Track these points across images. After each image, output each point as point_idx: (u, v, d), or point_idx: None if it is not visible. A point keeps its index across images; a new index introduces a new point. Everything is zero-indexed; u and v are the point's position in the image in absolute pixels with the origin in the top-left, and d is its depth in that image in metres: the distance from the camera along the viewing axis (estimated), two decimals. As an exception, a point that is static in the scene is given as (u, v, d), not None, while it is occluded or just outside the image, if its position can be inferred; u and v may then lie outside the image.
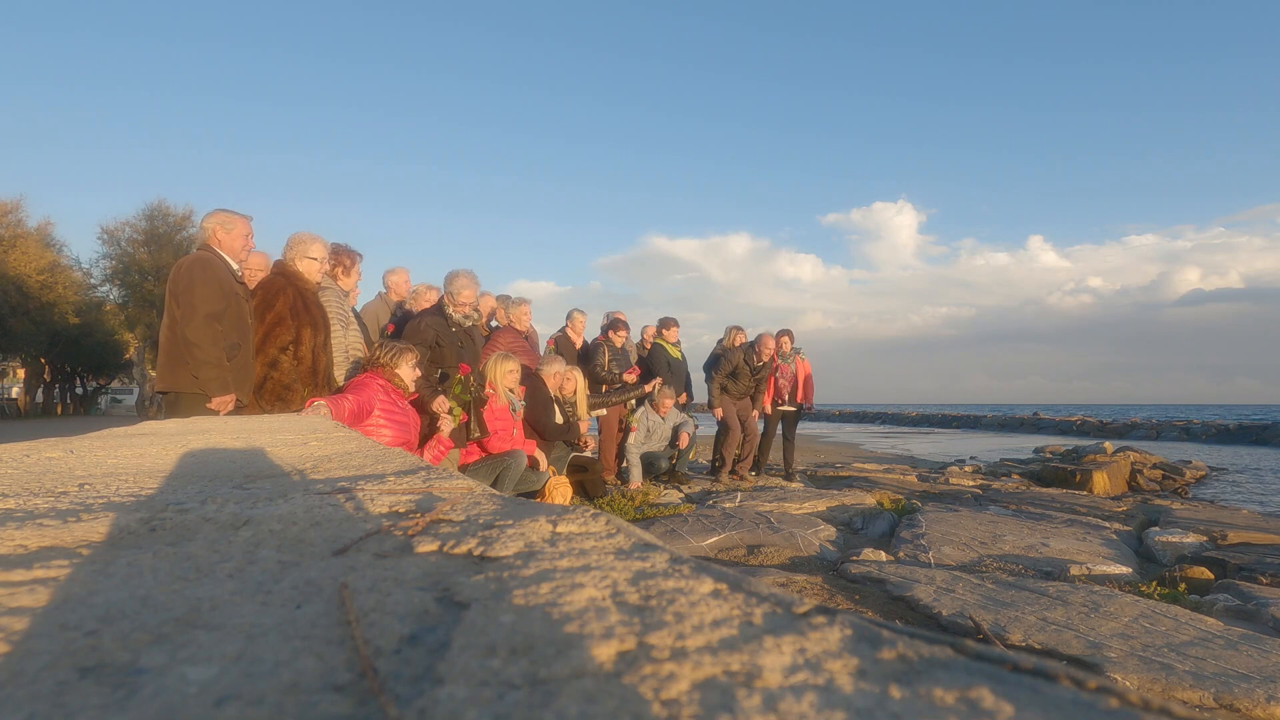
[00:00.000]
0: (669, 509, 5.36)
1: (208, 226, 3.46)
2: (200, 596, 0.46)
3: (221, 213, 3.49)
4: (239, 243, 3.46)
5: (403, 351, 3.70)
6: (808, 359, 8.02)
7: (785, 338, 7.98)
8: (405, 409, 3.64)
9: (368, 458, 1.26)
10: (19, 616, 0.42)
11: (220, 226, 3.42)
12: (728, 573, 0.46)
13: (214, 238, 3.41)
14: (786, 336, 8.01)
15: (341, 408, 3.14)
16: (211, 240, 3.41)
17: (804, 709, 0.28)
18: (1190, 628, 2.61)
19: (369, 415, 3.36)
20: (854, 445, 18.42)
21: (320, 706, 0.31)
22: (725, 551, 4.07)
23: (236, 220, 3.48)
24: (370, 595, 0.45)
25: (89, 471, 1.09)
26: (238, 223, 3.48)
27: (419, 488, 0.88)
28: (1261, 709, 2.01)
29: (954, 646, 0.34)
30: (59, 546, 0.60)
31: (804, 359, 7.95)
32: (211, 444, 1.55)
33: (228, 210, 3.52)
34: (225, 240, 3.42)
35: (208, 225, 3.46)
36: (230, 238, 3.43)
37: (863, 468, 9.54)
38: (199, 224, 3.55)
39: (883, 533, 4.78)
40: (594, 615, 0.39)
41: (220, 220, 3.44)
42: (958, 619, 2.73)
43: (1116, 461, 9.19)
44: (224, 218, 3.47)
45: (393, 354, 3.65)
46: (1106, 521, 5.04)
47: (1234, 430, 23.94)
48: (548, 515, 0.65)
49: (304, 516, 0.71)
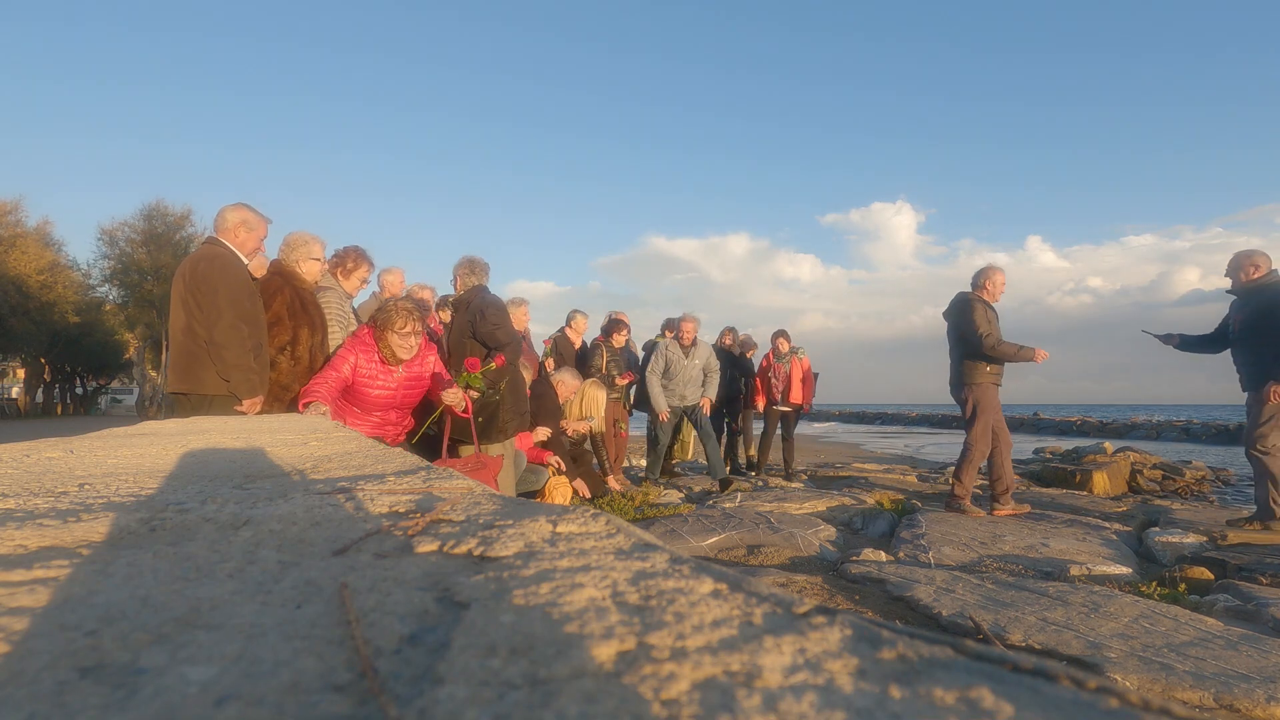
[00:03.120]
0: (669, 509, 5.37)
1: (229, 220, 3.35)
2: (200, 596, 0.46)
3: (246, 209, 3.40)
4: (254, 244, 3.42)
5: (396, 313, 3.25)
6: (807, 358, 7.93)
7: (781, 339, 7.92)
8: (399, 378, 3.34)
9: (368, 458, 1.26)
10: (19, 616, 0.42)
11: (244, 224, 3.35)
12: (728, 573, 0.46)
13: (234, 234, 3.33)
14: (783, 338, 7.94)
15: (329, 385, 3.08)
16: (229, 235, 3.33)
17: (804, 709, 0.28)
18: (1190, 628, 2.61)
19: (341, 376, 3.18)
20: (854, 445, 18.42)
21: (320, 706, 0.31)
22: (725, 551, 4.07)
23: (261, 223, 3.43)
24: (370, 595, 0.45)
25: (89, 471, 1.09)
26: (261, 226, 3.43)
27: (419, 488, 0.88)
28: (1261, 709, 2.01)
29: (954, 646, 0.34)
30: (59, 546, 0.60)
31: (802, 358, 7.83)
32: (211, 444, 1.55)
33: (252, 208, 3.43)
34: (245, 239, 3.35)
35: (229, 218, 3.35)
36: (251, 238, 3.38)
37: (863, 468, 9.53)
38: (217, 212, 3.40)
39: (883, 533, 4.78)
40: (594, 615, 0.39)
41: (244, 218, 3.37)
42: (958, 619, 2.73)
43: (1116, 462, 9.19)
44: (248, 216, 3.39)
45: (384, 314, 3.26)
46: (1106, 522, 5.04)
47: (1234, 430, 23.91)
48: (548, 515, 0.65)
49: (304, 516, 0.71)
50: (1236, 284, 4.70)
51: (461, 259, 4.34)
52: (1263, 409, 4.44)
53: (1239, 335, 4.62)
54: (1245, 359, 4.59)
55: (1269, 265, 4.61)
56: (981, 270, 5.31)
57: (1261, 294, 4.51)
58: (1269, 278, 4.55)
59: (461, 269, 4.31)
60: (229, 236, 3.33)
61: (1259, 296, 4.52)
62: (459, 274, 4.32)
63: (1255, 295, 4.55)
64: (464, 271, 4.29)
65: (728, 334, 8.14)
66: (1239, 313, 4.65)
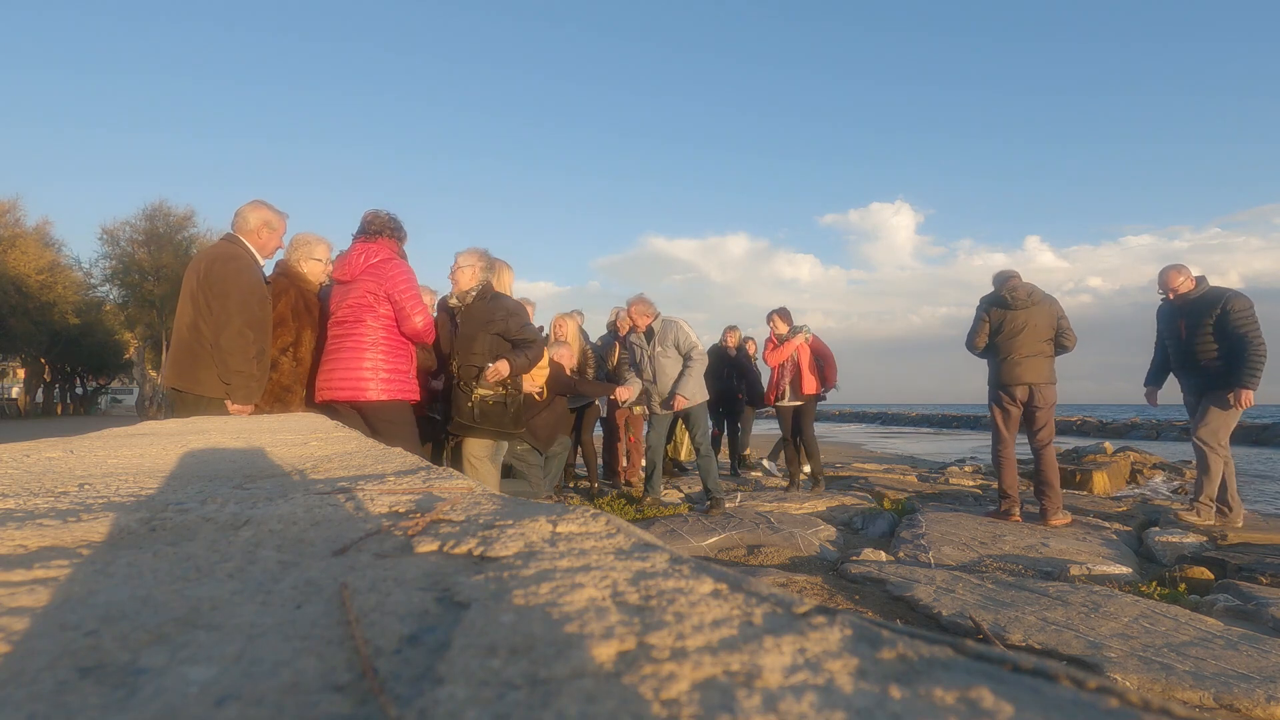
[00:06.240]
0: (669, 509, 5.36)
1: (251, 221, 3.30)
2: (200, 596, 0.46)
3: (266, 209, 3.36)
4: (275, 244, 3.39)
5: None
6: (811, 338, 6.61)
7: (777, 318, 6.59)
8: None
9: (368, 458, 1.26)
10: (19, 616, 0.43)
11: (266, 225, 3.32)
12: (728, 573, 0.46)
13: (256, 235, 3.29)
14: (778, 316, 6.60)
15: None
16: (251, 236, 3.29)
17: (804, 709, 0.28)
18: (1190, 628, 2.61)
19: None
20: (854, 445, 18.42)
21: (320, 706, 0.31)
22: (725, 551, 4.07)
23: (282, 222, 3.40)
24: (370, 595, 0.45)
25: (89, 471, 1.09)
26: (282, 225, 3.40)
27: (419, 488, 0.88)
28: (1261, 709, 2.01)
29: (954, 646, 0.34)
30: (59, 546, 0.60)
31: (806, 340, 6.53)
32: (211, 444, 1.55)
33: (272, 207, 3.39)
34: (266, 240, 3.32)
35: (251, 219, 3.30)
36: (272, 238, 3.35)
37: (863, 468, 9.54)
38: (236, 211, 3.35)
39: (883, 533, 4.78)
40: (594, 615, 0.39)
41: (267, 219, 3.33)
42: (958, 619, 2.73)
43: (1116, 461, 9.19)
44: (270, 216, 3.35)
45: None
46: (1106, 521, 5.04)
47: (1233, 430, 23.89)
48: (548, 515, 0.65)
49: (304, 516, 0.71)
50: (1176, 297, 4.89)
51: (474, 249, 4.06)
52: (1215, 409, 4.68)
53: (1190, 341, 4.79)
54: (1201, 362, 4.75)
55: (1191, 274, 4.87)
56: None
57: (1207, 301, 4.72)
58: (1201, 285, 4.82)
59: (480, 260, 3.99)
60: (251, 238, 3.29)
61: (1203, 303, 4.73)
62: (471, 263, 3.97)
63: (1199, 303, 4.75)
64: (483, 265, 3.98)
65: (730, 334, 7.98)
66: (1182, 318, 4.81)
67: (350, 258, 3.40)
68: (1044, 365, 4.83)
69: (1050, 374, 4.86)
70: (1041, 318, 4.83)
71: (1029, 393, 4.83)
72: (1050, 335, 4.85)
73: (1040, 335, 4.82)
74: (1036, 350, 4.82)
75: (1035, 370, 4.81)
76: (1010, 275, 5.04)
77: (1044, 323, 4.83)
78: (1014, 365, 4.80)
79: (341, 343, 3.35)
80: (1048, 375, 4.84)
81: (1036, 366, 4.81)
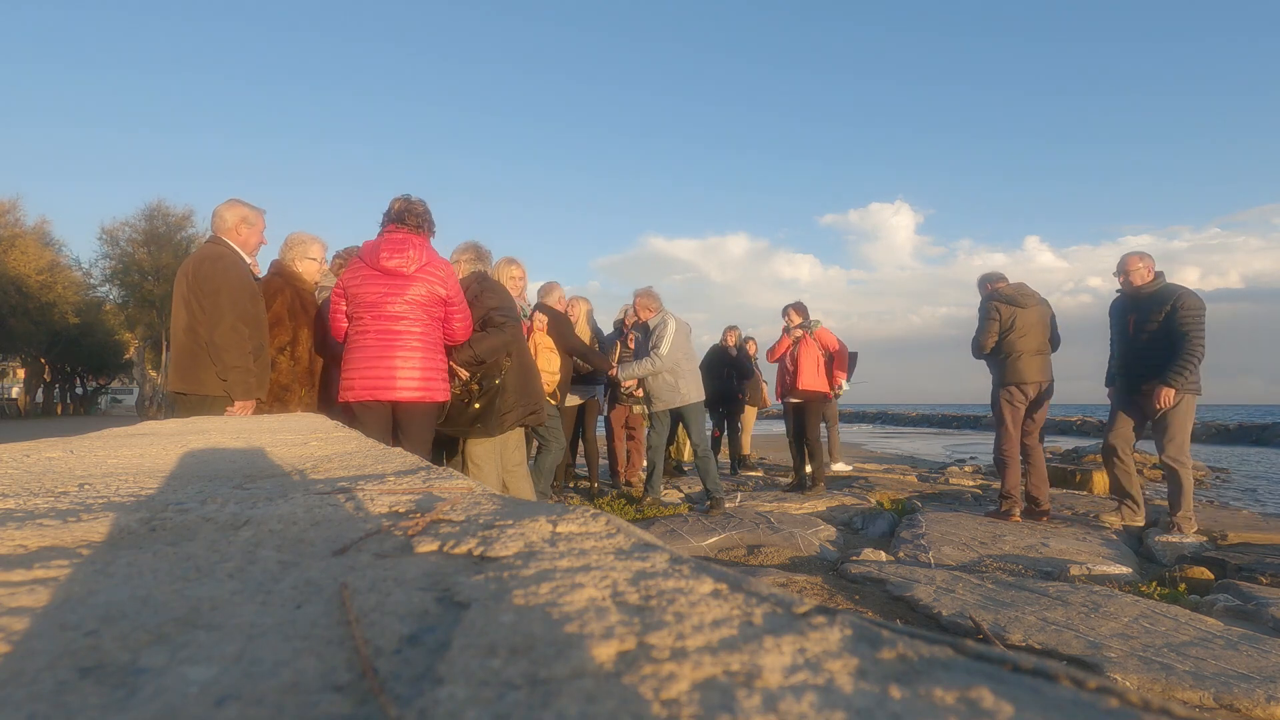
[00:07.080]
0: (669, 509, 5.36)
1: (229, 219, 3.32)
2: (200, 596, 0.46)
3: (242, 206, 3.38)
4: (256, 239, 3.40)
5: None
6: (822, 329, 6.47)
7: (793, 311, 6.38)
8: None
9: (368, 458, 1.26)
10: (19, 616, 0.42)
11: (244, 222, 3.34)
12: (728, 573, 0.46)
13: (235, 233, 3.32)
14: (794, 310, 6.39)
15: None
16: (231, 235, 3.31)
17: (804, 709, 0.28)
18: (1190, 628, 2.61)
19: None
20: (854, 445, 18.41)
21: (320, 706, 0.31)
22: (725, 551, 4.07)
23: (259, 217, 3.41)
24: (370, 595, 0.45)
25: (89, 471, 1.09)
26: (259, 220, 3.41)
27: (419, 488, 0.88)
28: (1261, 709, 2.01)
29: (954, 646, 0.34)
30: (59, 546, 0.60)
31: (812, 335, 6.31)
32: (211, 444, 1.55)
33: (247, 204, 3.41)
34: (247, 236, 3.34)
35: (228, 217, 3.33)
36: (252, 234, 3.36)
37: (863, 468, 9.53)
38: (213, 212, 3.39)
39: (883, 533, 4.78)
40: (594, 615, 0.39)
41: (243, 215, 3.35)
42: (958, 619, 2.73)
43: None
44: (246, 212, 3.37)
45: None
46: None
47: (1234, 430, 23.90)
48: (548, 515, 0.65)
49: (304, 516, 0.71)
50: (1128, 286, 4.71)
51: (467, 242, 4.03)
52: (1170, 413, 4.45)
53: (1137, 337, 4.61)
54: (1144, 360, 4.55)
55: (1152, 266, 4.69)
56: None
57: (1159, 298, 4.53)
58: (1158, 281, 4.61)
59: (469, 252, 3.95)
60: (232, 236, 3.31)
61: (1155, 299, 4.54)
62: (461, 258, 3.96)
63: (1151, 299, 4.56)
64: (469, 257, 3.96)
65: (730, 333, 8.03)
66: (1132, 313, 4.66)
67: (403, 249, 3.12)
68: (1049, 363, 4.91)
69: (1052, 371, 4.93)
70: (1045, 317, 4.90)
71: (1038, 390, 4.86)
72: (1049, 334, 4.92)
73: (1045, 334, 4.89)
74: (1044, 348, 4.87)
75: (1045, 368, 4.87)
76: (998, 276, 5.11)
77: (1046, 322, 4.91)
78: (1028, 362, 4.82)
79: (401, 339, 3.10)
80: (1052, 373, 4.92)
81: (1045, 364, 4.88)
